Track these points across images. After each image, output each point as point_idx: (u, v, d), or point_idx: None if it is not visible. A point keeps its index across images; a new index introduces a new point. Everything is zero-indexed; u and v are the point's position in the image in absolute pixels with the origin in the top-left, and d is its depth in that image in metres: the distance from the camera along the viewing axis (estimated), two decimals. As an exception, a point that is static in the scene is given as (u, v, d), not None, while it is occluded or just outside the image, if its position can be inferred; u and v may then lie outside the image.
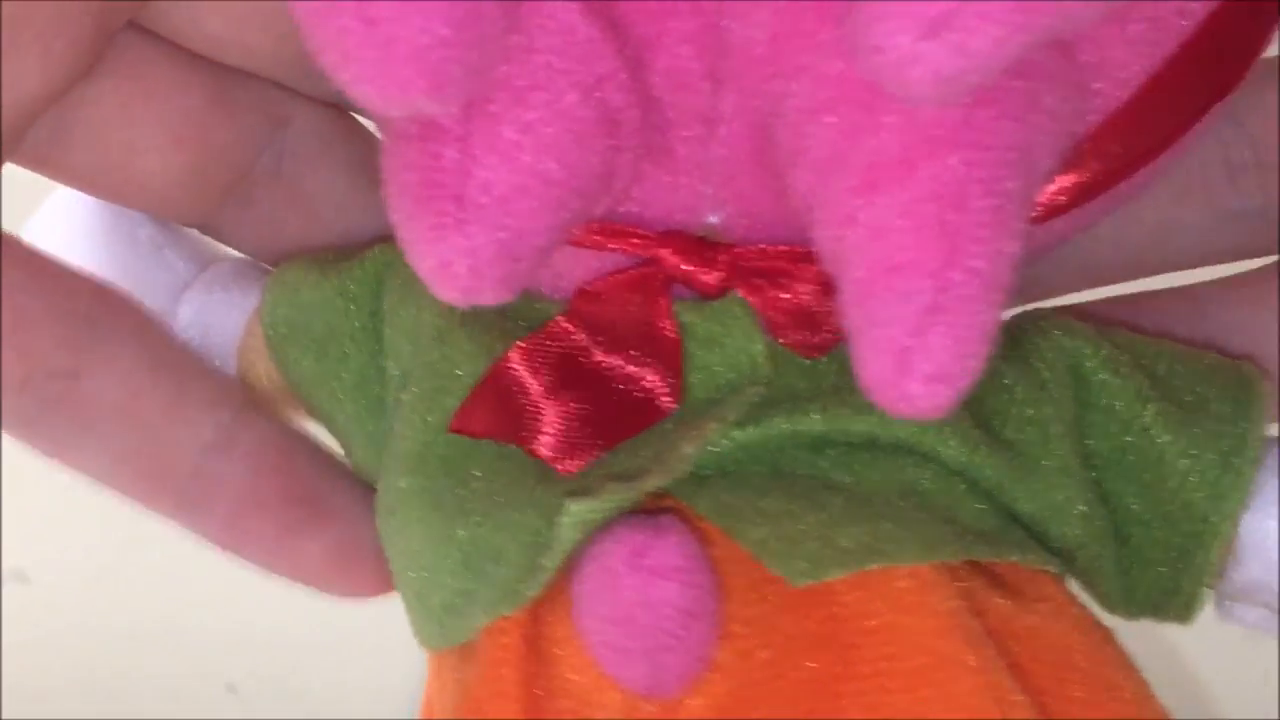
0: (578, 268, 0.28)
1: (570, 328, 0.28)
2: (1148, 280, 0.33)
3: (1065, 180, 0.26)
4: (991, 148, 0.22)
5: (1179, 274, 0.33)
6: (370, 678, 0.65)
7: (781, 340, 0.27)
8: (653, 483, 0.26)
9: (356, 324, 0.32)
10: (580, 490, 0.26)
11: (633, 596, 0.24)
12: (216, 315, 0.34)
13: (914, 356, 0.22)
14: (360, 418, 0.32)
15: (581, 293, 0.28)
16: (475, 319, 0.30)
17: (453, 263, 0.22)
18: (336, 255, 0.34)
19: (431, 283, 0.23)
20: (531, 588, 0.26)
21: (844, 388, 0.28)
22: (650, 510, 0.26)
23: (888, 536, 0.26)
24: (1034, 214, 0.25)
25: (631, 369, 0.28)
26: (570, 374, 0.28)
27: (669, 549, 0.25)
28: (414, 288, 0.31)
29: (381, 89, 0.21)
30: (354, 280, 0.32)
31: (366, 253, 0.33)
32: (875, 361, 0.22)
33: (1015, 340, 0.29)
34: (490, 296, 0.23)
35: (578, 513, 0.25)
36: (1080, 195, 0.26)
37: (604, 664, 0.26)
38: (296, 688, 0.67)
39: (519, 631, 0.27)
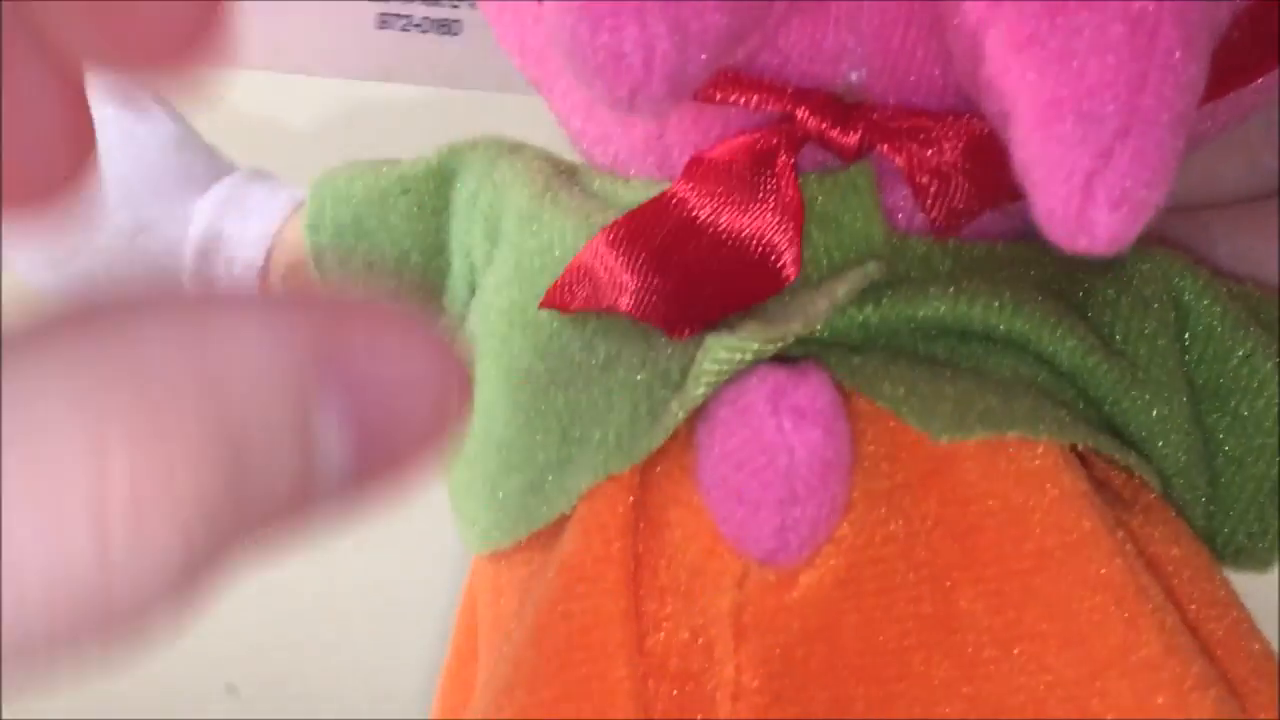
0: (692, 132, 0.27)
1: (684, 196, 0.27)
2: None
3: None
4: None
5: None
6: (370, 678, 0.62)
7: (920, 204, 0.26)
8: (793, 330, 0.24)
9: (418, 222, 0.31)
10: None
11: (773, 438, 0.23)
12: (236, 222, 0.33)
13: (1099, 180, 0.21)
14: None
15: (695, 161, 0.27)
16: (569, 197, 0.29)
17: (627, 54, 0.21)
18: (388, 161, 0.33)
19: (600, 76, 0.22)
20: (654, 438, 0.25)
21: (960, 277, 0.27)
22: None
23: (1024, 410, 0.25)
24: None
25: (751, 234, 0.27)
26: (683, 241, 0.27)
27: (813, 390, 0.23)
28: (493, 175, 0.30)
29: None
30: (417, 176, 0.31)
31: (432, 152, 0.32)
32: (1057, 187, 0.21)
33: (1114, 261, 0.29)
34: (657, 95, 0.22)
35: (717, 348, 0.24)
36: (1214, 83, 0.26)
37: (726, 521, 0.24)
38: (296, 688, 0.64)
39: (626, 496, 0.25)
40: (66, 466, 0.15)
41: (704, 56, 0.22)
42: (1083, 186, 0.21)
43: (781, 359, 0.25)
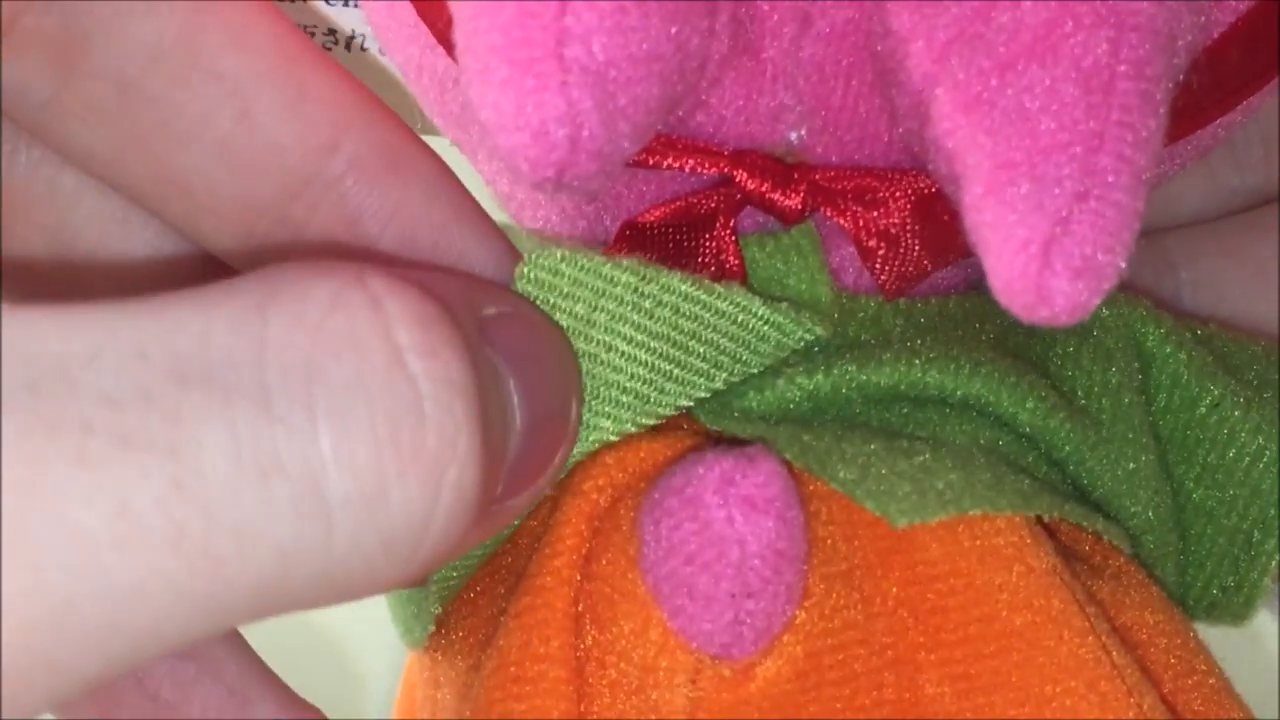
0: (625, 197, 0.26)
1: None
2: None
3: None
4: (1138, 28, 0.20)
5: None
6: (369, 679, 0.61)
7: (869, 268, 0.25)
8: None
9: None
10: None
11: (724, 530, 0.22)
12: None
13: (1057, 248, 0.20)
14: None
15: (630, 226, 0.26)
16: None
17: (550, 131, 0.20)
18: None
19: (523, 156, 0.20)
20: None
21: (911, 339, 0.26)
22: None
23: (985, 484, 0.24)
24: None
25: None
26: None
27: (764, 479, 0.22)
28: None
29: None
30: None
31: None
32: (1012, 257, 0.20)
33: None
34: (585, 172, 0.20)
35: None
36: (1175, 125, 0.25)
37: (676, 617, 0.23)
38: (294, 688, 0.63)
39: (565, 590, 0.24)
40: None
41: (634, 131, 0.20)
42: (1040, 255, 0.20)
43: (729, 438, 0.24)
